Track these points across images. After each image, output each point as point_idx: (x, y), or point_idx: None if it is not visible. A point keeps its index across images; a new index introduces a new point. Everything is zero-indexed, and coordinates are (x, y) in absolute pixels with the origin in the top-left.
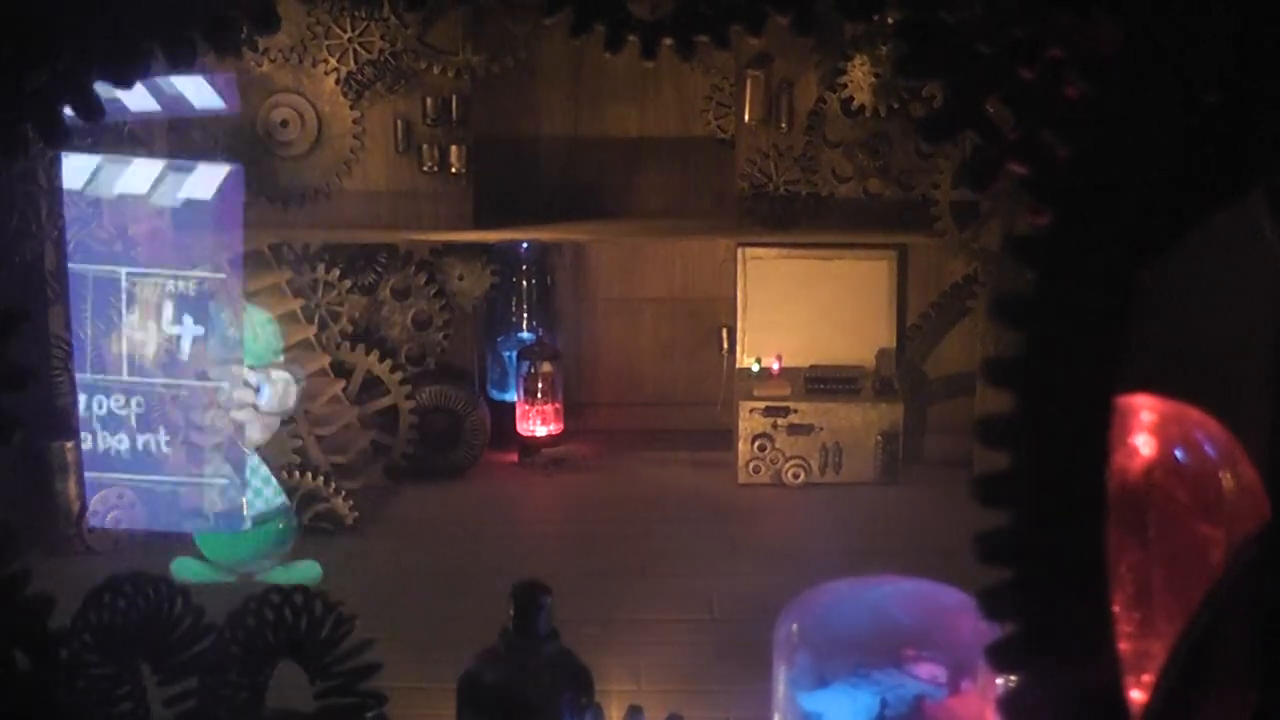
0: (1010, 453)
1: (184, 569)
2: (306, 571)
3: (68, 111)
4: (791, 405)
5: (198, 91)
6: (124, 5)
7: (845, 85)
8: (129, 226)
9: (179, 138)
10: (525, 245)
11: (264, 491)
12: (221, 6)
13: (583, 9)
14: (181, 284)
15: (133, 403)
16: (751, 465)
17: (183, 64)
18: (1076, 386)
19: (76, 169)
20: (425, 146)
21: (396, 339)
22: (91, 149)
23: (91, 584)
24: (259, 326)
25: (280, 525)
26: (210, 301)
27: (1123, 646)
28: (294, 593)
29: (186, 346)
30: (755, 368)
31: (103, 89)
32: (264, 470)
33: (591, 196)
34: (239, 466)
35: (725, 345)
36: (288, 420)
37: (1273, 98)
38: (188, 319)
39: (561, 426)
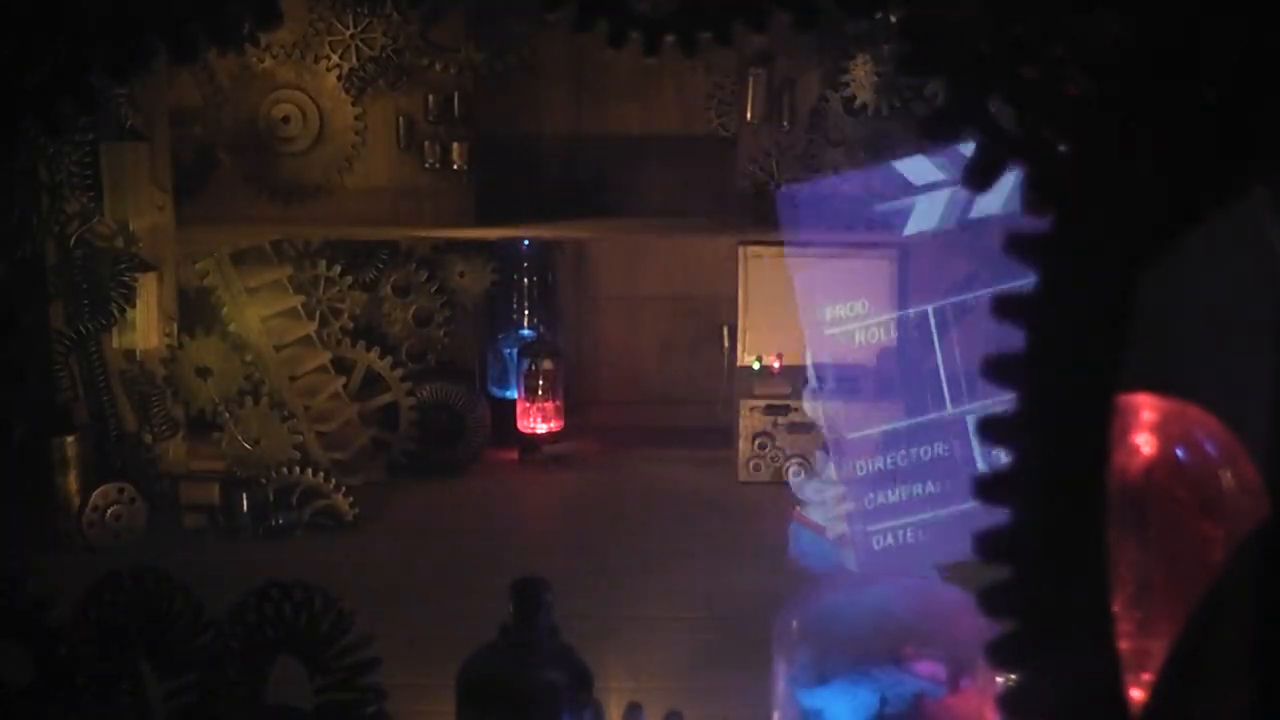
0: (1010, 452)
1: (797, 535)
2: None
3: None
4: (792, 404)
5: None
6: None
7: (847, 84)
8: None
9: (179, 134)
10: (526, 242)
11: None
12: (224, 1)
13: (585, 5)
14: None
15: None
16: (752, 463)
17: (185, 60)
18: (1077, 385)
19: (925, 211)
20: (427, 143)
21: (397, 335)
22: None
23: (91, 580)
24: None
25: None
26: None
27: (1123, 646)
28: (294, 588)
29: None
30: (756, 366)
31: None
32: None
33: (593, 194)
34: None
35: (726, 343)
36: None
37: (1275, 95)
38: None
39: (562, 424)
